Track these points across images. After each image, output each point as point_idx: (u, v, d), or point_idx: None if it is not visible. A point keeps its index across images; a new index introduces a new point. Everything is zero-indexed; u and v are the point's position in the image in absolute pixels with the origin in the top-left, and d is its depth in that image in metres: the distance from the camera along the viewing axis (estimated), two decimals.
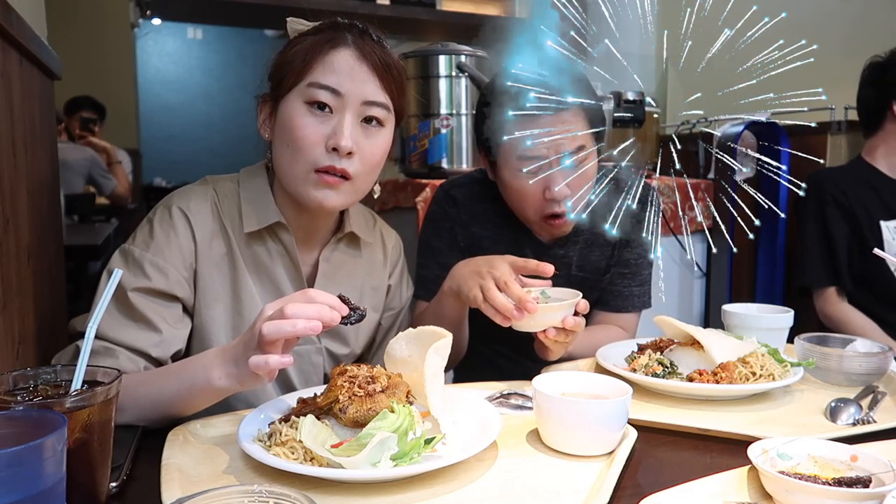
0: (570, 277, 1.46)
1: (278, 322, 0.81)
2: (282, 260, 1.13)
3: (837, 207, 2.04)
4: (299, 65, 1.04)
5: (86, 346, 0.73)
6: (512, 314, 1.06)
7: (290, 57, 1.06)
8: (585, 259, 1.46)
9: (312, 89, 1.03)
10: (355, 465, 0.75)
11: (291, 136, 1.04)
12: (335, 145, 1.02)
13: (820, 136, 2.53)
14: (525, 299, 1.06)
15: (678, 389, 1.07)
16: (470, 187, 1.48)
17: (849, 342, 1.20)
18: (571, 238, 1.45)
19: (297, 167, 1.04)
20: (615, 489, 0.76)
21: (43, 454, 0.54)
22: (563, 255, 1.45)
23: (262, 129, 1.12)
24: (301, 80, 1.04)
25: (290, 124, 1.04)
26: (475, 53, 2.14)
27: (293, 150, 1.04)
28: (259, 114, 1.12)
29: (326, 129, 1.03)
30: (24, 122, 1.24)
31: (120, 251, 1.04)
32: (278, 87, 1.07)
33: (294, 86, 1.05)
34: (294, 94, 1.04)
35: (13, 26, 1.10)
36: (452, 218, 1.46)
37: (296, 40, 1.08)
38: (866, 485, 0.69)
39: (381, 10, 3.53)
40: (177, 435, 0.89)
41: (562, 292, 1.16)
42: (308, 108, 1.04)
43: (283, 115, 1.06)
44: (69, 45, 4.33)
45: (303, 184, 1.05)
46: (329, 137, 1.03)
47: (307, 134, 1.03)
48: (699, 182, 2.61)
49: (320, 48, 1.04)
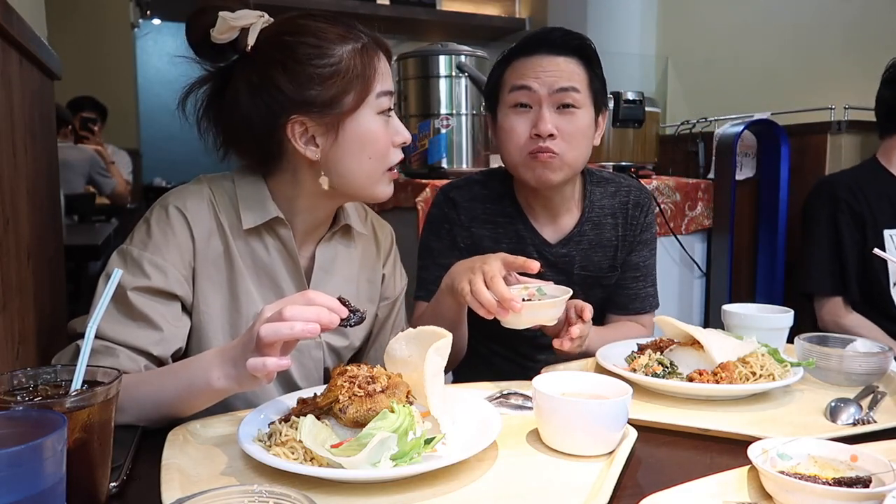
0: (572, 276, 1.46)
1: (276, 324, 0.81)
2: (280, 255, 1.13)
3: (851, 215, 1.99)
4: (367, 75, 1.04)
5: (86, 345, 0.73)
6: (494, 310, 1.07)
7: (341, 71, 1.03)
8: (588, 258, 1.47)
9: (382, 98, 1.07)
10: (355, 465, 0.75)
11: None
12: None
13: (820, 136, 2.53)
14: (508, 297, 1.06)
15: (678, 389, 1.07)
16: (469, 189, 1.48)
17: (849, 342, 1.20)
18: (574, 237, 1.45)
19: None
20: (615, 489, 0.76)
21: (43, 454, 0.54)
22: (566, 253, 1.45)
23: (306, 150, 1.05)
24: (371, 90, 1.05)
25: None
26: (475, 53, 2.15)
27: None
28: (292, 135, 1.05)
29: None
30: (24, 122, 1.24)
31: (118, 252, 1.04)
32: (335, 105, 1.03)
33: (365, 98, 1.05)
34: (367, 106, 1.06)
35: (13, 26, 1.10)
36: (452, 220, 1.46)
37: (326, 52, 1.03)
38: (866, 485, 0.69)
39: (382, 10, 3.53)
40: (177, 435, 0.89)
41: (557, 290, 1.16)
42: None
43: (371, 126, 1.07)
44: (69, 45, 4.33)
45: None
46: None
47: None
48: (699, 182, 2.61)
49: (374, 54, 1.06)
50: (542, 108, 1.33)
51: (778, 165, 2.55)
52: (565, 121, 1.34)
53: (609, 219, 1.48)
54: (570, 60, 1.35)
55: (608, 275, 1.48)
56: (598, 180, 1.50)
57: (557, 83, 1.33)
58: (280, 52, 1.03)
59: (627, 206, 1.48)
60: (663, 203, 2.46)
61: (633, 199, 1.49)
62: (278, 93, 1.03)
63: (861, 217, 1.98)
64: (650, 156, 2.62)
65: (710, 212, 2.61)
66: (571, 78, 1.34)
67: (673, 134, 3.09)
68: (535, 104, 1.34)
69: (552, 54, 1.35)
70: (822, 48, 2.70)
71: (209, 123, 1.13)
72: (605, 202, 1.48)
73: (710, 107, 3.09)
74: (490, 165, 2.29)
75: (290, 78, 1.02)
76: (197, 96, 1.11)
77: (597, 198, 1.48)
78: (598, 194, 1.49)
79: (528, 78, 1.34)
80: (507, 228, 1.45)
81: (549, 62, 1.35)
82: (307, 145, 1.06)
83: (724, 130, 2.62)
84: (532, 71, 1.35)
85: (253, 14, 1.04)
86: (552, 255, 1.45)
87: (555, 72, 1.34)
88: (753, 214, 2.71)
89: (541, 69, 1.34)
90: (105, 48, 5.51)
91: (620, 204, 1.48)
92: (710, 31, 3.17)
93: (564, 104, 1.33)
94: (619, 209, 1.48)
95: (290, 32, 1.04)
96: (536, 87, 1.33)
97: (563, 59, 1.35)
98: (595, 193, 1.48)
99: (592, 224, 1.47)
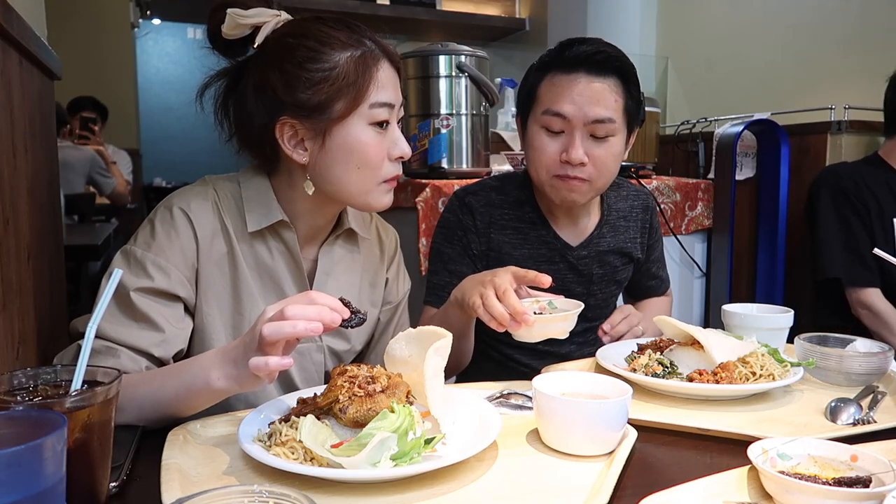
0: (592, 277, 1.49)
1: (279, 323, 0.81)
2: (283, 258, 1.13)
3: (857, 200, 2.07)
4: (359, 84, 1.02)
5: (86, 346, 0.73)
6: (507, 323, 1.07)
7: (331, 77, 1.02)
8: (605, 259, 1.50)
9: (378, 109, 1.05)
10: (355, 465, 0.75)
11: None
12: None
13: (820, 136, 2.53)
14: (520, 311, 1.05)
15: (678, 389, 1.07)
16: (486, 194, 1.47)
17: (849, 342, 1.20)
18: (594, 240, 1.48)
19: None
20: (615, 489, 0.76)
21: (43, 454, 0.54)
22: (587, 256, 1.47)
23: (293, 152, 1.05)
24: (363, 100, 1.03)
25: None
26: (475, 53, 2.14)
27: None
28: (280, 136, 1.05)
29: None
30: (24, 122, 1.24)
31: (121, 252, 1.04)
32: (323, 110, 1.02)
33: (356, 108, 1.03)
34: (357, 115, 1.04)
35: (13, 26, 1.10)
36: (467, 226, 1.45)
37: (322, 56, 1.02)
38: (866, 485, 0.69)
39: (382, 9, 3.53)
40: (177, 435, 0.88)
41: (568, 303, 1.17)
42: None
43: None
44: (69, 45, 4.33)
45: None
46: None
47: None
48: (699, 182, 2.61)
49: (374, 63, 1.04)
50: (575, 134, 1.29)
51: (778, 165, 2.55)
52: (598, 147, 1.30)
53: (622, 221, 1.53)
54: (608, 83, 1.30)
55: (621, 269, 1.54)
56: (612, 184, 1.52)
57: (593, 113, 1.28)
58: (280, 53, 1.04)
59: (639, 209, 1.55)
60: (663, 203, 2.46)
61: (641, 203, 1.56)
62: (272, 93, 1.03)
63: (866, 205, 2.05)
64: (650, 156, 2.62)
65: (710, 212, 2.61)
66: (608, 106, 1.29)
67: (673, 134, 3.09)
68: (568, 130, 1.30)
69: (592, 75, 1.29)
70: (822, 48, 2.70)
71: (224, 118, 1.14)
72: (620, 205, 1.54)
73: (710, 107, 3.09)
74: (490, 165, 2.29)
75: (284, 79, 1.03)
76: (215, 89, 1.13)
77: (613, 201, 1.53)
78: (614, 198, 1.53)
79: (563, 103, 1.29)
80: (528, 234, 1.45)
81: (586, 86, 1.29)
82: (295, 148, 1.06)
83: (724, 130, 2.62)
84: (569, 95, 1.29)
85: (268, 13, 1.05)
86: (574, 258, 1.47)
87: (592, 98, 1.28)
88: (753, 214, 2.71)
89: (577, 94, 1.28)
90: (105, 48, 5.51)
91: (632, 208, 1.55)
92: (710, 31, 3.17)
93: (597, 134, 1.30)
94: (631, 213, 1.54)
95: (294, 34, 1.04)
96: (571, 114, 1.28)
97: (601, 83, 1.29)
98: (611, 197, 1.52)
99: (610, 227, 1.50)
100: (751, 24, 2.96)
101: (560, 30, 3.46)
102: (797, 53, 2.78)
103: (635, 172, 2.45)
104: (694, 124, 2.97)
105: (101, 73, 5.32)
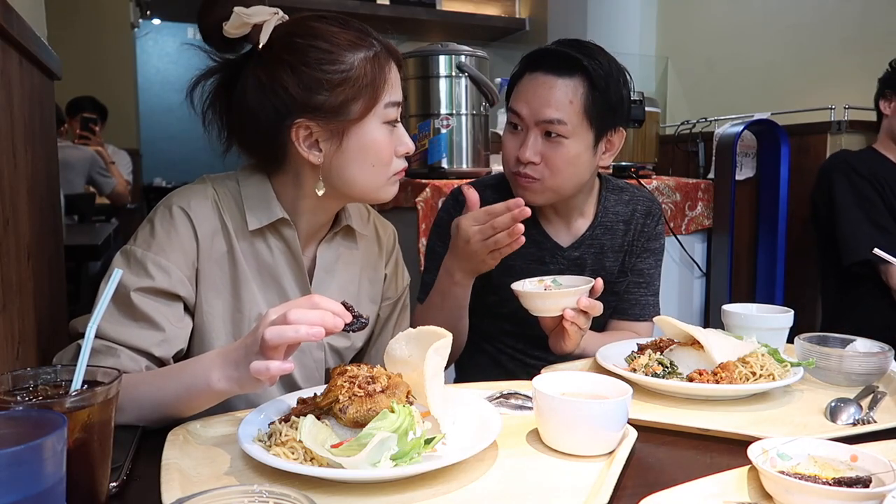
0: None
1: (281, 327, 0.81)
2: (283, 256, 1.13)
3: (871, 177, 2.10)
4: (376, 85, 1.04)
5: (86, 346, 0.73)
6: (518, 230, 1.18)
7: (351, 79, 1.02)
8: (600, 262, 1.49)
9: (390, 109, 1.08)
10: (355, 465, 0.75)
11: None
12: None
13: (820, 136, 2.53)
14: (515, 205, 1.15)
15: (678, 389, 1.07)
16: (480, 192, 1.47)
17: (849, 342, 1.20)
18: (586, 240, 1.47)
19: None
20: (615, 489, 0.76)
21: (43, 454, 0.54)
22: (578, 256, 1.47)
23: (309, 154, 1.05)
24: (379, 100, 1.05)
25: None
26: (475, 53, 2.14)
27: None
28: (296, 138, 1.04)
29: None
30: (24, 122, 1.24)
31: (122, 252, 1.04)
32: (342, 112, 1.03)
33: (373, 108, 1.04)
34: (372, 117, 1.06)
35: (13, 26, 1.10)
36: None
37: (337, 57, 1.02)
38: (866, 485, 0.69)
39: (382, 9, 3.53)
40: (177, 435, 0.89)
41: (574, 279, 1.23)
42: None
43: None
44: (69, 45, 4.33)
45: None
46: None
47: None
48: (699, 182, 2.61)
49: (385, 63, 1.05)
50: (528, 133, 1.32)
51: (778, 165, 2.55)
52: (551, 149, 1.31)
53: (621, 225, 1.50)
54: (568, 83, 1.30)
55: (619, 280, 1.50)
56: (614, 188, 1.52)
57: (543, 113, 1.30)
58: (290, 54, 1.02)
59: (639, 213, 1.51)
60: (663, 203, 2.46)
61: (644, 207, 1.52)
62: (286, 94, 1.02)
63: (880, 183, 2.08)
64: (650, 156, 2.62)
65: (710, 212, 2.62)
66: (560, 107, 1.29)
67: (673, 134, 3.09)
68: (524, 128, 1.34)
69: (550, 75, 1.31)
70: (822, 48, 2.70)
71: (214, 116, 1.13)
72: (620, 209, 1.51)
73: (710, 107, 3.09)
74: (490, 165, 2.29)
75: (299, 81, 1.02)
76: (204, 87, 1.11)
77: (611, 204, 1.50)
78: (613, 201, 1.51)
79: (519, 102, 1.33)
80: None
81: (543, 86, 1.31)
82: (311, 149, 1.05)
83: (724, 130, 2.62)
84: (525, 94, 1.33)
85: (267, 10, 1.04)
86: (565, 259, 1.46)
87: (544, 98, 1.30)
88: (753, 214, 2.72)
89: (532, 94, 1.31)
90: (105, 48, 5.51)
91: (633, 211, 1.51)
92: (710, 31, 3.17)
93: (548, 133, 1.31)
94: (631, 216, 1.51)
95: (302, 34, 1.03)
96: (525, 113, 1.32)
97: (560, 83, 1.30)
98: (609, 200, 1.50)
99: (605, 228, 1.49)
100: (751, 23, 2.96)
101: (560, 30, 3.46)
102: (797, 53, 2.79)
103: (635, 172, 2.45)
104: (694, 124, 2.97)
105: (101, 73, 5.31)
